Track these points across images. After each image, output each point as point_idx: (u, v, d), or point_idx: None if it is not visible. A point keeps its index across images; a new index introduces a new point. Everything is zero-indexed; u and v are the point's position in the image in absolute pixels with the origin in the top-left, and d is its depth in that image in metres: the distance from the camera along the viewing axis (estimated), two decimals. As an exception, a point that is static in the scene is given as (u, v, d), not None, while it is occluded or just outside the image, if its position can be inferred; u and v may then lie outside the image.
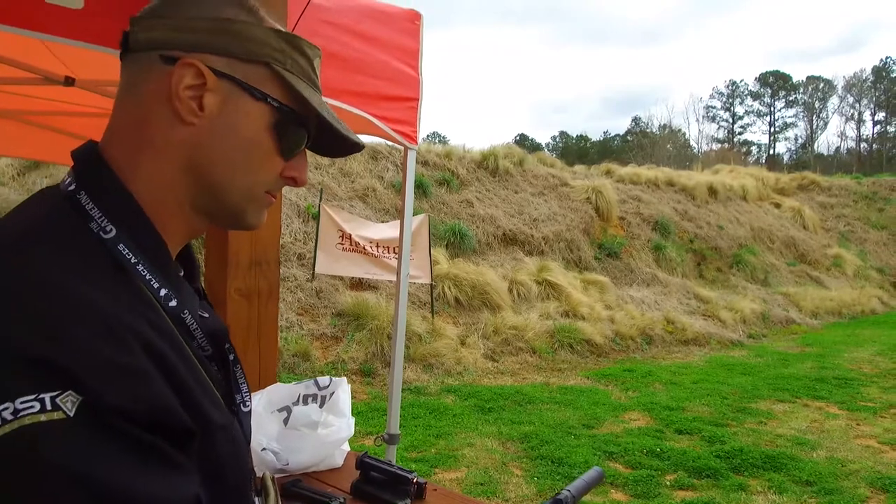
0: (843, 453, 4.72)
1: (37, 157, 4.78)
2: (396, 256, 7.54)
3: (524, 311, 8.69)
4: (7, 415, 0.44)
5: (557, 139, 68.74)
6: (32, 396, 0.45)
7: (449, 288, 8.32)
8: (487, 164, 12.70)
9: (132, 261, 0.59)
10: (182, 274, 0.70)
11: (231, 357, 0.71)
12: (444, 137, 55.51)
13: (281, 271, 7.42)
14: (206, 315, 0.69)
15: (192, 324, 0.64)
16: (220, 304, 1.40)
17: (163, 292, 0.61)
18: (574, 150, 60.22)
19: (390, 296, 7.68)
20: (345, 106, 1.90)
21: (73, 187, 0.61)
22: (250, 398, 0.75)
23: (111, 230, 0.59)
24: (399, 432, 2.22)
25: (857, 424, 5.51)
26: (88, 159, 0.64)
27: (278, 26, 0.69)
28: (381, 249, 7.33)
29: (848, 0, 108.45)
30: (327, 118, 0.69)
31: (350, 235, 7.16)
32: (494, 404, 5.77)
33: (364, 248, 7.17)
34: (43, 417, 0.45)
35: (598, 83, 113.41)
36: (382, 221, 8.63)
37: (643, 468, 4.32)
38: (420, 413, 5.40)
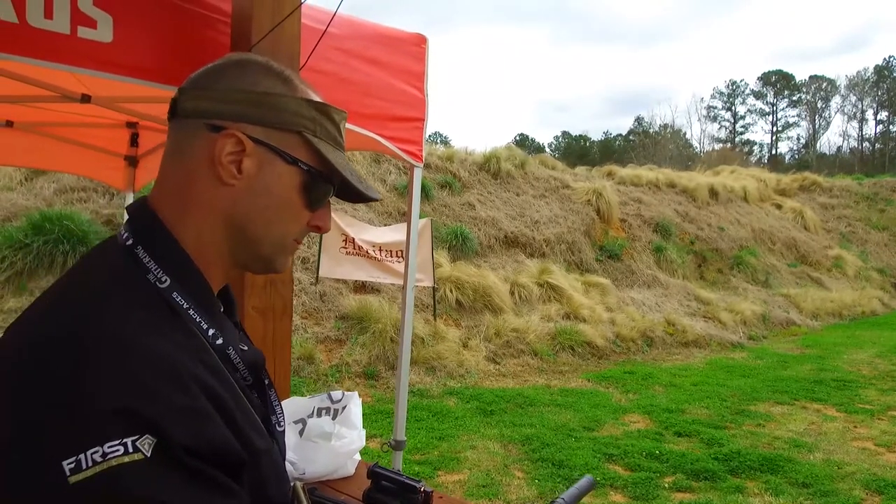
0: (840, 455, 4.80)
1: (49, 167, 4.86)
2: (399, 260, 7.67)
3: (525, 313, 8.78)
4: (97, 457, 0.53)
5: (560, 139, 68.78)
6: (117, 441, 0.54)
7: (451, 290, 8.41)
8: (489, 166, 12.78)
9: (184, 306, 0.68)
10: (223, 310, 0.78)
11: (266, 382, 0.80)
12: (445, 138, 55.52)
13: (286, 275, 7.53)
14: (246, 348, 0.78)
15: (236, 358, 0.73)
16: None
17: (211, 332, 0.70)
18: (576, 150, 60.23)
19: (393, 299, 7.77)
20: (355, 128, 1.99)
21: (130, 242, 0.70)
22: (284, 419, 0.84)
23: (166, 280, 0.68)
24: (405, 438, 2.31)
25: (855, 427, 5.59)
26: (143, 215, 0.73)
27: (311, 94, 0.79)
28: (384, 253, 7.42)
29: (851, 0, 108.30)
30: (348, 178, 0.78)
31: (353, 239, 7.25)
32: (496, 406, 5.86)
33: (367, 251, 7.26)
34: (126, 459, 0.54)
35: (600, 83, 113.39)
36: (385, 225, 8.73)
37: (642, 470, 4.41)
38: (423, 416, 5.49)
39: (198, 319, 0.69)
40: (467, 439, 4.98)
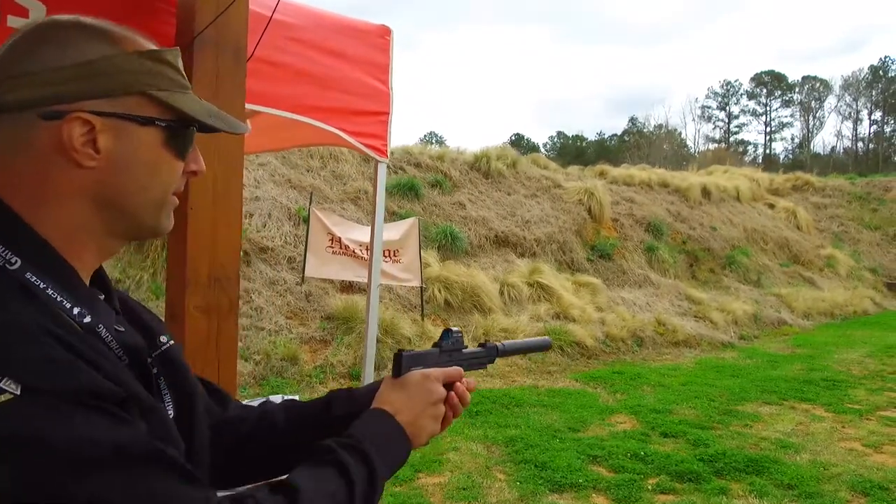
0: (827, 456, 4.75)
1: None
2: (387, 260, 7.61)
3: (515, 313, 8.72)
4: None
5: (555, 139, 68.82)
6: None
7: (439, 290, 8.35)
8: (480, 165, 12.72)
9: (41, 286, 0.66)
10: (103, 298, 0.77)
11: (155, 371, 0.78)
12: (440, 138, 55.52)
13: (270, 274, 7.45)
14: (123, 329, 0.74)
15: (108, 336, 0.70)
16: (178, 321, 1.43)
17: (76, 311, 0.67)
18: (571, 149, 60.26)
19: (380, 299, 7.71)
20: (314, 122, 1.93)
21: None
22: (173, 410, 0.80)
23: (15, 261, 0.66)
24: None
25: (843, 427, 5.55)
26: None
27: (139, 39, 0.74)
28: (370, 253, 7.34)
29: (846, 2, 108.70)
30: (206, 121, 0.76)
31: (339, 239, 7.18)
32: (482, 407, 5.80)
33: (354, 251, 7.19)
34: None
35: (597, 83, 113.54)
36: (374, 224, 8.65)
37: (626, 472, 4.35)
38: (407, 417, 5.42)
39: (59, 298, 0.67)
40: (450, 441, 4.91)
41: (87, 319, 0.68)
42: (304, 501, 0.71)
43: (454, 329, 1.05)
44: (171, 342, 0.84)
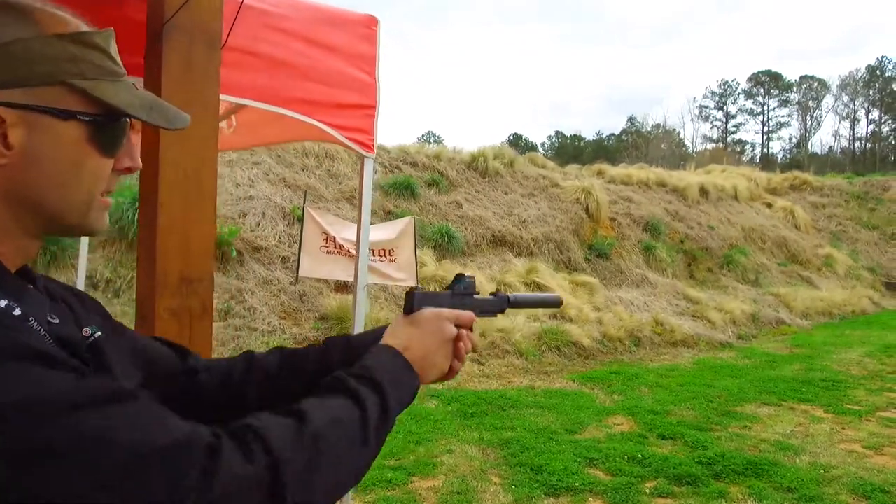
0: (827, 458, 4.68)
1: None
2: (383, 259, 7.53)
3: (512, 313, 8.64)
4: None
5: (553, 138, 68.79)
6: None
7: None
8: (477, 164, 12.66)
9: None
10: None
11: (92, 369, 0.72)
12: (438, 137, 55.51)
13: (264, 274, 7.37)
14: (57, 320, 0.69)
15: (39, 329, 0.64)
16: (148, 323, 1.35)
17: (2, 303, 0.62)
18: (569, 149, 60.26)
19: (375, 299, 7.63)
20: (295, 115, 1.85)
21: None
22: None
23: None
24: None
25: (843, 428, 5.47)
26: None
27: (71, 24, 0.66)
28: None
29: (844, 3, 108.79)
30: (139, 115, 0.69)
31: (334, 238, 7.10)
32: (477, 409, 5.71)
33: (348, 250, 7.10)
34: None
35: (595, 82, 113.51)
36: (370, 223, 8.57)
37: (623, 475, 4.27)
38: (401, 418, 5.24)
39: None
40: (445, 443, 4.83)
41: (17, 312, 0.62)
42: (313, 425, 0.66)
43: (467, 275, 1.05)
44: (98, 334, 0.75)
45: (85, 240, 3.79)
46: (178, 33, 1.37)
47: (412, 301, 0.95)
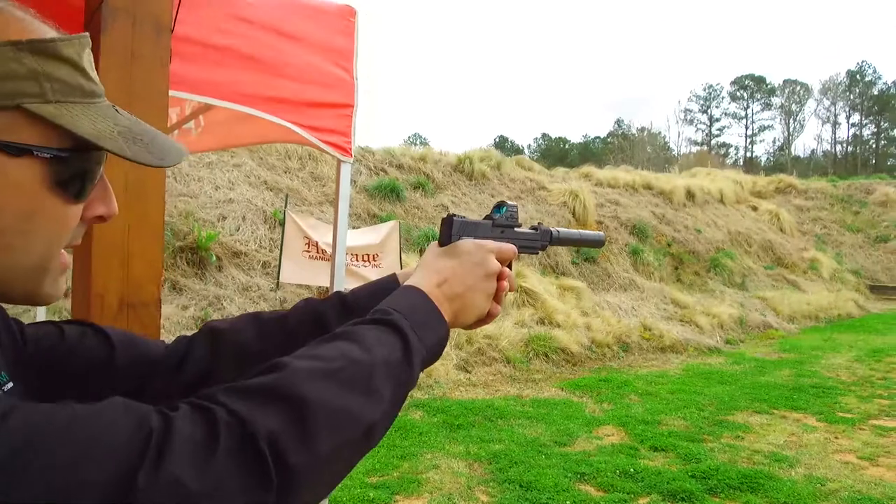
0: (822, 471, 4.55)
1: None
2: (367, 265, 7.33)
3: (499, 319, 8.46)
4: None
5: (539, 141, 68.90)
6: None
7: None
8: (463, 167, 12.50)
9: None
10: None
11: None
12: (425, 139, 55.36)
13: (243, 280, 7.13)
14: None
15: None
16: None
17: None
18: (555, 152, 60.41)
19: (359, 305, 7.43)
20: (260, 114, 1.66)
21: None
22: None
23: None
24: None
25: (836, 438, 5.37)
26: None
27: (30, 28, 0.48)
28: (349, 257, 7.06)
29: (829, 8, 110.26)
30: (115, 148, 0.51)
31: (316, 243, 6.89)
32: (464, 420, 5.54)
33: (331, 255, 6.90)
34: None
35: (582, 86, 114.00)
36: (354, 228, 8.37)
37: (615, 491, 4.11)
38: (385, 431, 5.14)
39: None
40: (431, 458, 4.65)
41: None
42: (294, 374, 0.51)
43: (510, 202, 0.93)
44: (9, 385, 0.57)
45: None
46: (120, 15, 1.18)
47: (451, 228, 0.82)
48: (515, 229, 0.93)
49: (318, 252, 6.92)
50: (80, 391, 0.65)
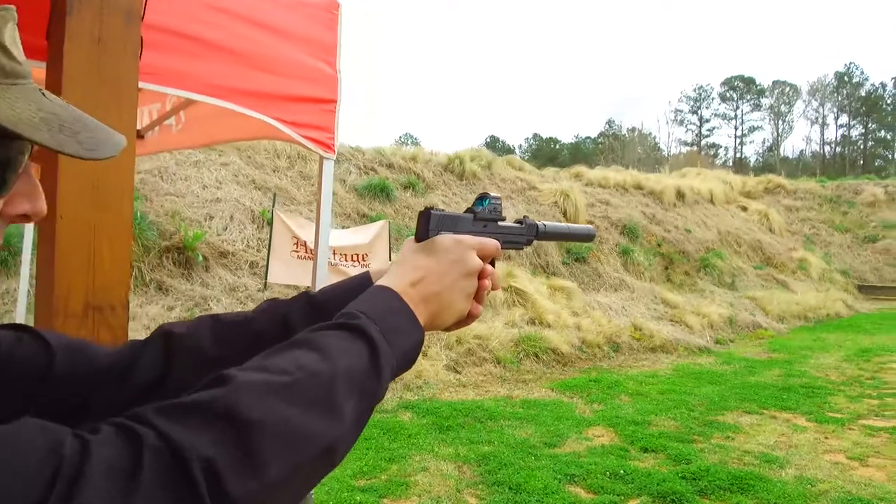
0: (812, 471, 4.54)
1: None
2: (356, 265, 7.26)
3: (489, 318, 8.43)
4: None
5: (530, 141, 69.01)
6: None
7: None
8: (454, 167, 12.46)
9: None
10: None
11: None
12: (416, 139, 55.30)
13: (231, 281, 7.05)
14: None
15: None
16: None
17: None
18: (546, 152, 60.51)
19: (348, 305, 7.36)
20: (241, 109, 1.60)
21: None
22: None
23: None
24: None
25: (826, 438, 5.36)
26: None
27: None
28: (339, 257, 6.99)
29: (817, 10, 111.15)
30: (38, 137, 0.46)
31: (305, 242, 6.81)
32: (453, 422, 5.49)
33: (320, 255, 6.83)
34: None
35: (573, 86, 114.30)
36: (343, 227, 8.30)
37: (605, 493, 4.08)
38: (373, 433, 5.09)
39: None
40: (420, 460, 4.60)
41: None
42: (239, 389, 0.45)
43: (493, 193, 0.87)
44: None
45: (28, 241, 3.45)
46: (87, 2, 1.12)
47: (428, 223, 0.75)
48: (499, 223, 0.87)
49: (306, 252, 6.84)
50: (12, 405, 0.59)
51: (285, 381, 0.47)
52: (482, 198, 0.84)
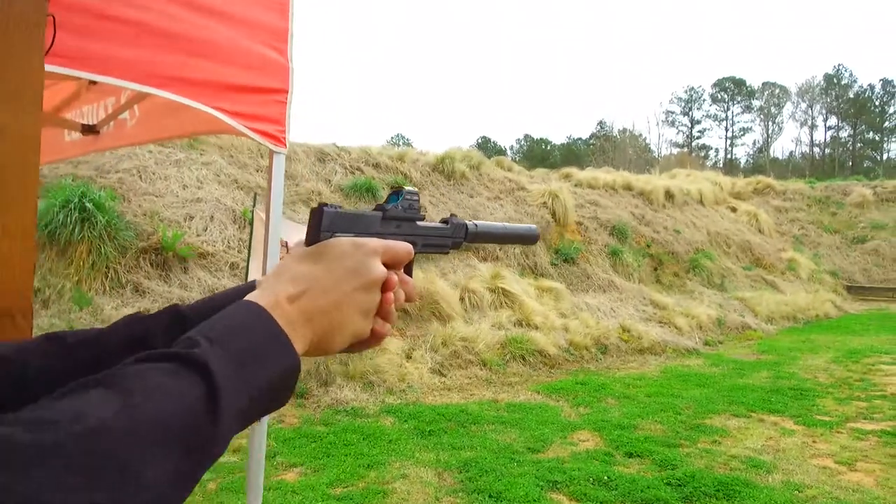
0: (800, 476, 4.45)
1: None
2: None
3: (476, 320, 8.32)
4: None
5: (522, 142, 69.01)
6: None
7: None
8: (443, 167, 12.34)
9: None
10: None
11: None
12: (407, 140, 55.18)
13: (210, 282, 6.89)
14: None
15: None
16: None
17: None
18: (538, 153, 60.51)
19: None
20: (180, 98, 1.47)
21: None
22: None
23: None
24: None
25: (814, 441, 5.28)
26: None
27: None
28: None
29: (807, 11, 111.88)
30: None
31: (286, 243, 6.67)
32: (436, 426, 5.37)
33: (301, 257, 6.69)
34: None
35: (564, 87, 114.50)
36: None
37: (588, 500, 3.97)
38: (353, 439, 4.96)
39: None
40: (399, 467, 4.47)
41: None
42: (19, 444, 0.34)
43: (409, 188, 0.74)
44: None
45: None
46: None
47: (319, 222, 0.62)
48: (417, 223, 0.74)
49: (287, 252, 6.71)
50: None
51: (58, 440, 0.34)
52: (396, 192, 0.72)
